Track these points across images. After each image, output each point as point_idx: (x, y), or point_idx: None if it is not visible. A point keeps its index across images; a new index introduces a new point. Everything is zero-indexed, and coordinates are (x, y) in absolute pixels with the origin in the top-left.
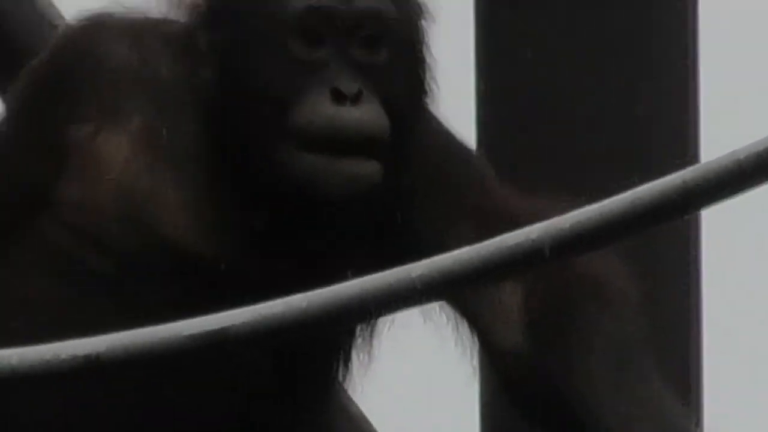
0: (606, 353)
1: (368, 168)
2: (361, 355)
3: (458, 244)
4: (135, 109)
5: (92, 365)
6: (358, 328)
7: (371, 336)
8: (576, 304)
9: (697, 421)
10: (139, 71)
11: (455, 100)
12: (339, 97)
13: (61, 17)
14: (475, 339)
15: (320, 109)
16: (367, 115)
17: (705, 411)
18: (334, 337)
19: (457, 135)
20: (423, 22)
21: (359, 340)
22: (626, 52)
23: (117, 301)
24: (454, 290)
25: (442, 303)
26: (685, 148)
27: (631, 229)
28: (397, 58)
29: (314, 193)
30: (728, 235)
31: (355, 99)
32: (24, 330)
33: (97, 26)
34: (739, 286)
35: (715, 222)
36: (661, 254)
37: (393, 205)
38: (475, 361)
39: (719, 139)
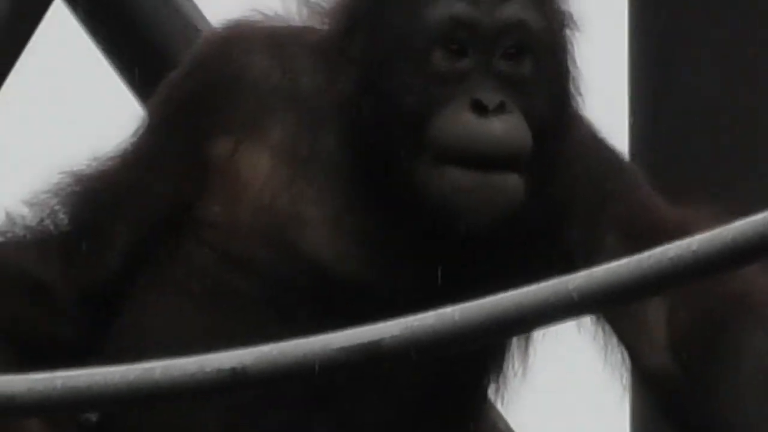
0: (755, 375)
1: (509, 182)
2: (514, 370)
3: (608, 256)
4: (275, 122)
5: (238, 379)
6: (512, 341)
7: (525, 349)
8: (723, 323)
9: None
10: (280, 82)
11: (608, 109)
12: (480, 108)
13: (206, 21)
14: (625, 355)
15: (460, 120)
16: (508, 127)
17: None
18: (484, 350)
19: (609, 143)
20: (569, 32)
21: (512, 354)
22: None
23: (262, 320)
24: (613, 303)
25: (594, 319)
26: None
27: None
28: (541, 70)
29: (452, 207)
30: None
31: (497, 111)
32: (166, 351)
33: (237, 35)
34: None
35: None
36: None
37: (539, 217)
38: (627, 376)
39: None
